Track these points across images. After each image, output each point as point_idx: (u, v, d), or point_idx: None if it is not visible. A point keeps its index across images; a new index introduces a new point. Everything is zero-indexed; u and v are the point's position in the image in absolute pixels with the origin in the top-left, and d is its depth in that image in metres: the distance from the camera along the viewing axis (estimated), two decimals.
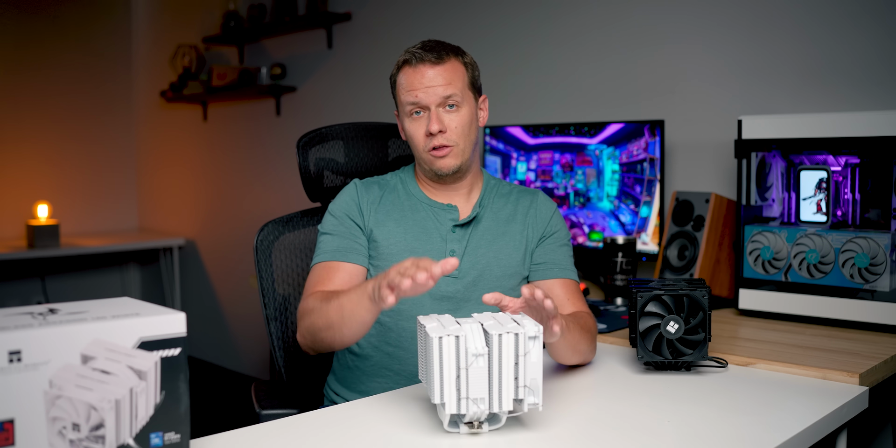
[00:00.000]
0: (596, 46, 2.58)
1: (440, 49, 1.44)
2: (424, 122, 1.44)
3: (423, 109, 1.44)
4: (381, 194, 1.52)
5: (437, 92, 1.42)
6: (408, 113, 1.45)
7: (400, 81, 1.46)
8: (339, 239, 1.47)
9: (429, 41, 1.47)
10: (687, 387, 1.29)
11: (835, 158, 1.76)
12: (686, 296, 1.35)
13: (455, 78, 1.44)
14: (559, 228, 1.55)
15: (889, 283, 1.65)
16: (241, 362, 4.21)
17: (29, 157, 4.50)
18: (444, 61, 1.43)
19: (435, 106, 1.42)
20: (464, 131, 1.45)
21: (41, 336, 0.80)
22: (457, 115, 1.44)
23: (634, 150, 2.20)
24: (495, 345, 1.01)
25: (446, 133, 1.43)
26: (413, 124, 1.45)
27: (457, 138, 1.44)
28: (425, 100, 1.42)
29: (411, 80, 1.43)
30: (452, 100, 1.43)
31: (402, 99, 1.45)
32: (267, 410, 1.46)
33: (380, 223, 1.49)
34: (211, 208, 4.39)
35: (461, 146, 1.45)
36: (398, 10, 3.26)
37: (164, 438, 0.89)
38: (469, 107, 1.46)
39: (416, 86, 1.42)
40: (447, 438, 1.04)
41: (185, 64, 4.20)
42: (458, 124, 1.44)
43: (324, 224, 1.51)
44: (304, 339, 1.39)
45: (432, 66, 1.42)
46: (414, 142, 1.47)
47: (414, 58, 1.43)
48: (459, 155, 1.45)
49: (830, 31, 2.07)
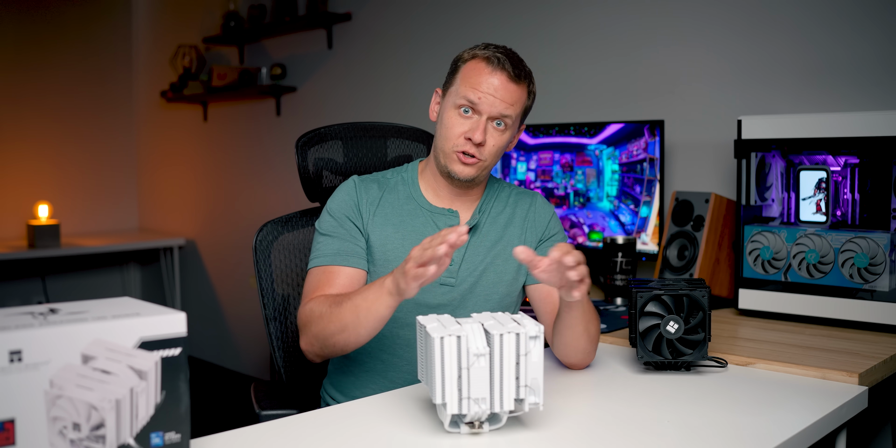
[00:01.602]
0: (596, 46, 2.58)
1: (522, 67, 1.41)
2: (470, 124, 1.40)
3: (475, 112, 1.40)
4: (380, 195, 1.49)
5: (499, 107, 1.38)
6: (457, 105, 1.40)
7: (468, 71, 1.40)
8: (339, 241, 1.44)
9: (513, 53, 1.42)
10: (687, 387, 1.29)
11: (834, 158, 1.76)
12: (686, 296, 1.35)
13: (518, 102, 1.41)
14: (557, 231, 1.55)
15: (888, 283, 1.65)
16: (241, 362, 4.22)
17: (29, 157, 4.50)
18: (520, 81, 1.40)
19: (487, 117, 1.39)
20: (498, 152, 1.43)
21: (42, 336, 0.80)
22: (501, 135, 1.41)
23: (634, 150, 2.20)
24: (496, 344, 1.01)
25: (484, 147, 1.40)
26: (457, 119, 1.40)
27: (489, 156, 1.42)
28: (485, 107, 1.38)
29: (483, 79, 1.38)
30: (506, 121, 1.40)
31: (462, 91, 1.40)
32: (266, 410, 1.45)
33: (377, 227, 1.46)
34: (211, 208, 4.39)
35: (488, 163, 1.43)
36: (398, 10, 3.26)
37: (164, 438, 0.89)
38: (512, 132, 1.44)
39: (485, 88, 1.38)
40: (448, 438, 1.04)
41: (186, 64, 4.20)
42: (496, 144, 1.41)
43: (321, 224, 1.47)
44: (312, 346, 1.35)
45: (509, 79, 1.38)
46: (447, 134, 1.41)
47: (497, 61, 1.38)
48: (482, 169, 1.43)
49: (830, 32, 2.07)
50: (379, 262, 1.44)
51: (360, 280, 1.43)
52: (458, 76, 1.42)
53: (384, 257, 1.44)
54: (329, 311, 1.30)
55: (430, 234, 1.45)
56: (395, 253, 1.44)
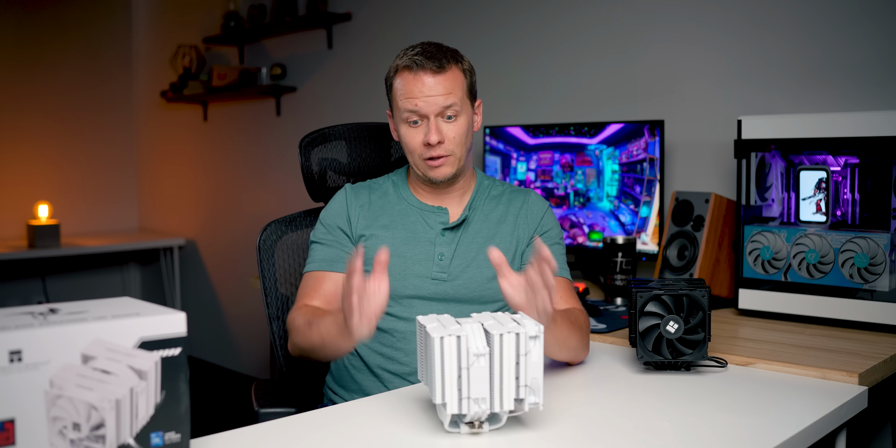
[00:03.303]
0: (595, 46, 2.58)
1: (441, 56, 1.42)
2: (422, 130, 1.43)
3: (420, 118, 1.42)
4: (370, 198, 1.53)
5: (438, 102, 1.40)
6: (404, 119, 1.44)
7: (397, 86, 1.44)
8: (328, 248, 1.49)
9: (428, 46, 1.44)
10: (687, 386, 1.29)
11: (834, 158, 1.76)
12: (686, 296, 1.35)
13: (455, 87, 1.42)
14: (551, 227, 1.55)
15: (888, 283, 1.65)
16: (241, 362, 4.22)
17: (29, 157, 4.50)
18: (444, 70, 1.41)
19: (434, 116, 1.41)
20: (461, 140, 1.45)
21: (42, 336, 0.80)
22: (455, 124, 1.43)
23: (634, 150, 2.20)
24: (496, 344, 1.01)
25: (444, 143, 1.42)
26: (410, 131, 1.44)
27: (454, 147, 1.44)
28: (425, 109, 1.41)
29: (410, 87, 1.41)
30: (452, 110, 1.42)
31: (400, 105, 1.43)
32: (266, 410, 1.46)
33: (368, 227, 1.50)
34: (211, 208, 4.39)
35: (458, 155, 1.45)
36: (398, 10, 3.26)
37: (164, 438, 0.89)
38: (466, 115, 1.45)
39: (416, 94, 1.40)
40: (448, 438, 1.04)
41: (186, 64, 4.20)
42: (455, 134, 1.43)
43: (314, 233, 1.53)
44: (294, 351, 1.45)
45: (433, 74, 1.40)
46: (409, 148, 1.46)
47: (414, 64, 1.41)
48: (455, 163, 1.45)
49: (830, 31, 2.07)
50: (370, 260, 1.46)
51: None
52: (393, 93, 1.46)
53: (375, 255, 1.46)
54: (305, 329, 1.36)
55: (420, 232, 1.50)
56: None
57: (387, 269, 1.13)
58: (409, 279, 1.46)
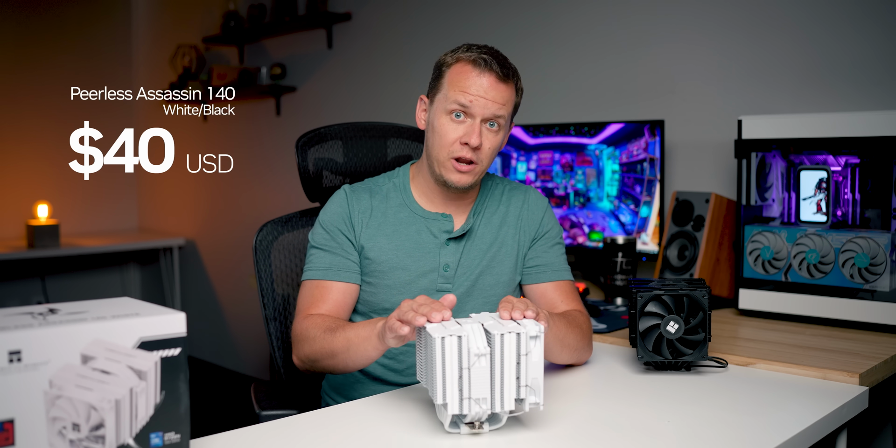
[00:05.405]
0: (596, 46, 2.58)
1: (508, 66, 1.39)
2: (465, 129, 1.37)
3: (467, 116, 1.37)
4: (371, 204, 1.47)
5: (492, 109, 1.36)
6: (448, 111, 1.38)
7: (453, 75, 1.38)
8: (331, 255, 1.44)
9: (496, 52, 1.40)
10: (687, 387, 1.29)
11: (835, 158, 1.76)
12: (686, 296, 1.35)
13: (509, 101, 1.39)
14: (551, 227, 1.53)
15: (889, 283, 1.65)
16: (241, 362, 4.21)
17: (29, 157, 4.50)
18: (508, 80, 1.38)
19: (480, 119, 1.37)
20: (493, 154, 1.41)
21: (41, 336, 0.80)
22: (495, 136, 1.39)
23: (634, 150, 2.20)
24: (497, 345, 1.01)
25: (480, 150, 1.38)
26: (450, 124, 1.38)
27: (485, 158, 1.40)
28: (475, 109, 1.36)
29: (471, 81, 1.36)
30: (499, 121, 1.38)
31: (450, 95, 1.37)
32: (266, 411, 1.45)
33: (371, 238, 1.44)
34: (211, 208, 4.39)
35: (483, 166, 1.41)
36: (398, 10, 3.26)
37: (164, 438, 0.89)
38: (505, 132, 1.42)
39: (475, 91, 1.35)
40: (448, 439, 1.04)
41: (185, 64, 4.20)
42: (491, 146, 1.39)
43: (314, 236, 1.47)
44: (302, 363, 1.38)
45: (498, 80, 1.36)
46: (442, 141, 1.39)
47: (483, 62, 1.36)
48: (478, 174, 1.41)
49: (830, 32, 2.07)
50: (374, 273, 1.44)
51: (352, 294, 1.44)
52: (445, 81, 1.39)
53: (379, 268, 1.44)
54: (322, 337, 1.31)
55: (424, 242, 1.45)
56: (390, 264, 1.44)
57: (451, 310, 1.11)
58: (415, 293, 1.42)
